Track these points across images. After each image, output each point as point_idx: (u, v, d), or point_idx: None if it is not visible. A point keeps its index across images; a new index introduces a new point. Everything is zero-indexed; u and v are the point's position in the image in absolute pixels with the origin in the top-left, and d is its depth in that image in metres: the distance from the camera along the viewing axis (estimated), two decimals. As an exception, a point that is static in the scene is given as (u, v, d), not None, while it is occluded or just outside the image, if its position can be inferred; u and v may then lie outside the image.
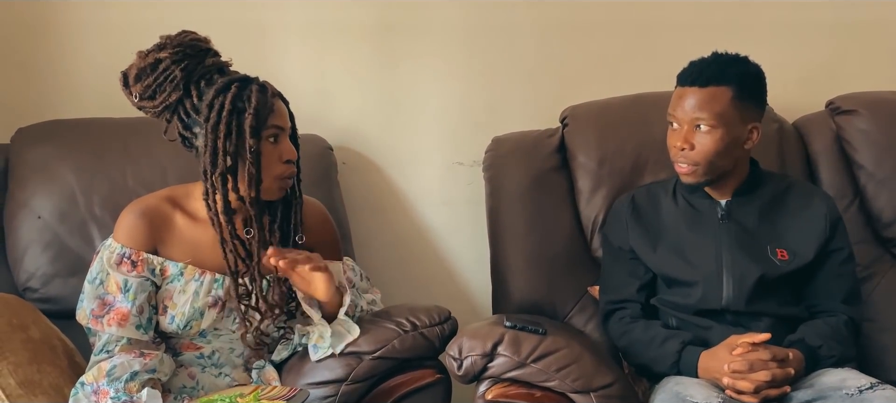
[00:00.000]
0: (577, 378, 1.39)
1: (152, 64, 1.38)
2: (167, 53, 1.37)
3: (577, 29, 2.07)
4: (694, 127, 1.49)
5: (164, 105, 1.39)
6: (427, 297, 1.82)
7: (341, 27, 2.04)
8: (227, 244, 1.38)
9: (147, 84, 1.38)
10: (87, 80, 1.98)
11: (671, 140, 1.54)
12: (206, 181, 1.37)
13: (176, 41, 1.39)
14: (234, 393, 1.33)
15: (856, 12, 2.08)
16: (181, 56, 1.38)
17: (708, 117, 1.47)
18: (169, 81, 1.38)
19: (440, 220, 2.11)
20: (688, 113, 1.49)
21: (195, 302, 1.41)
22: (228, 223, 1.38)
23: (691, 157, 1.49)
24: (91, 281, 1.41)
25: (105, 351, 1.38)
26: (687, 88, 1.50)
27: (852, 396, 1.30)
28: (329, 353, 1.41)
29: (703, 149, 1.48)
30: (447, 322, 1.50)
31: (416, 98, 2.07)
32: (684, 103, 1.50)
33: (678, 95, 1.52)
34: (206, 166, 1.36)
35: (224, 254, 1.39)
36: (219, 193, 1.37)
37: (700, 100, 1.48)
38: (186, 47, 1.39)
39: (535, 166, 1.87)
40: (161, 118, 1.43)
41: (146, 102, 1.39)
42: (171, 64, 1.37)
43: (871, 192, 1.82)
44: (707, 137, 1.48)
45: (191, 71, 1.39)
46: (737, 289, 1.48)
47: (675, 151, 1.52)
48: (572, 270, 1.78)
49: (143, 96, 1.39)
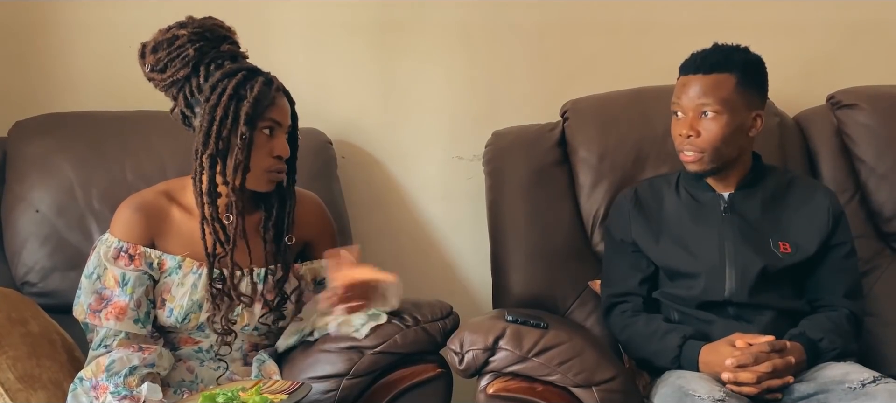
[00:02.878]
0: (579, 372, 1.39)
1: (170, 38, 1.39)
2: (186, 32, 1.39)
3: (577, 23, 2.06)
4: (699, 114, 1.49)
5: (171, 80, 1.40)
6: (427, 292, 1.81)
7: (341, 21, 2.03)
8: (208, 224, 1.38)
9: (160, 57, 1.39)
10: (85, 73, 1.98)
11: (676, 129, 1.54)
12: (196, 160, 1.37)
13: (198, 23, 1.41)
14: (237, 387, 1.32)
15: (856, 7, 2.08)
16: (198, 37, 1.39)
17: (713, 103, 1.48)
18: (180, 58, 1.39)
19: (440, 215, 2.10)
20: (693, 100, 1.49)
21: (193, 295, 1.41)
22: (211, 205, 1.38)
23: (698, 144, 1.50)
24: (88, 276, 1.40)
25: (103, 346, 1.38)
26: (691, 76, 1.51)
27: (855, 390, 1.30)
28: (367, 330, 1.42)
29: (709, 136, 1.49)
30: (449, 317, 1.50)
31: (415, 92, 2.07)
32: (689, 90, 1.50)
33: (682, 84, 1.53)
34: (198, 146, 1.37)
35: (202, 235, 1.39)
36: (205, 174, 1.37)
37: (705, 86, 1.49)
38: (206, 30, 1.41)
39: (535, 160, 1.86)
40: (168, 93, 1.44)
41: (156, 74, 1.41)
42: (187, 42, 1.39)
43: (871, 187, 1.81)
44: (713, 124, 1.49)
45: (204, 52, 1.40)
46: (740, 281, 1.48)
47: (681, 140, 1.52)
48: (573, 265, 1.78)
49: (155, 68, 1.40)
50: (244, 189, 1.39)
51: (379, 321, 1.43)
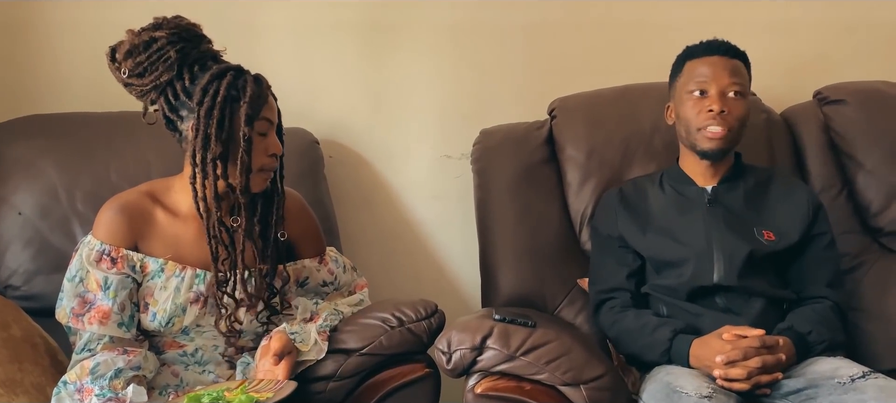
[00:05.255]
0: (567, 371, 1.38)
1: (147, 42, 1.36)
2: (164, 33, 1.35)
3: (565, 21, 2.06)
4: (727, 93, 1.54)
5: (153, 84, 1.37)
6: (415, 291, 1.81)
7: (328, 20, 2.02)
8: (213, 230, 1.37)
9: (139, 61, 1.36)
10: (69, 74, 1.96)
11: (699, 107, 1.55)
12: (195, 166, 1.35)
13: (172, 23, 1.38)
14: (222, 387, 1.32)
15: (843, 5, 2.09)
16: (177, 38, 1.36)
17: (741, 84, 1.55)
18: (162, 61, 1.36)
19: (428, 214, 2.10)
20: (724, 77, 1.54)
21: (177, 298, 1.39)
22: (217, 209, 1.36)
23: (727, 120, 1.53)
24: (70, 279, 1.38)
25: (87, 350, 1.36)
26: (718, 57, 1.56)
27: (844, 385, 1.30)
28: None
29: (737, 114, 1.54)
30: (434, 315, 1.48)
31: (403, 91, 2.06)
32: (717, 69, 1.55)
33: (710, 63, 1.56)
34: (197, 151, 1.34)
35: (208, 240, 1.37)
36: (208, 179, 1.35)
37: (732, 68, 1.56)
38: (183, 31, 1.38)
39: (523, 159, 1.86)
40: (145, 98, 1.40)
41: (135, 80, 1.37)
42: (167, 44, 1.35)
43: (859, 182, 1.82)
44: (739, 104, 1.55)
45: (186, 54, 1.37)
46: (728, 265, 1.49)
47: (707, 116, 1.53)
48: (561, 263, 1.78)
49: (133, 73, 1.37)
50: (248, 189, 1.38)
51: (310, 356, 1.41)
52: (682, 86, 1.60)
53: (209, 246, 1.37)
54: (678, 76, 1.62)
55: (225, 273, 1.39)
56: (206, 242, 1.37)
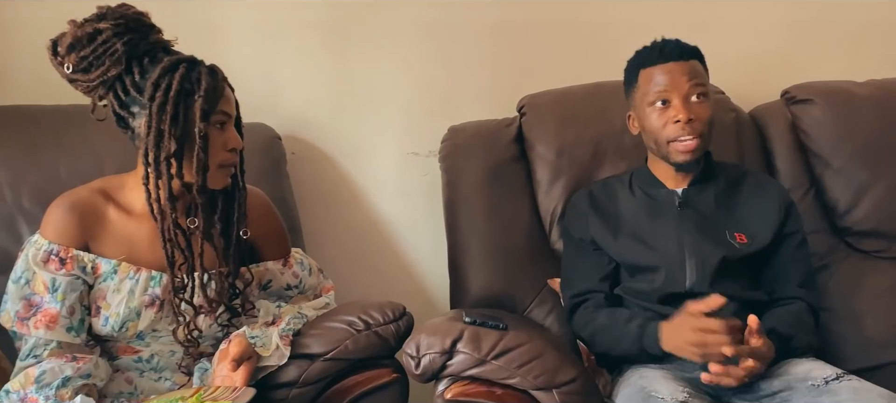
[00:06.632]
0: (540, 375, 1.35)
1: (90, 34, 1.27)
2: (108, 24, 1.26)
3: (534, 17, 2.03)
4: (690, 98, 1.49)
5: (100, 80, 1.28)
6: (382, 293, 1.76)
7: (290, 10, 1.96)
8: (168, 233, 1.30)
9: (83, 55, 1.27)
10: (16, 65, 1.86)
11: (664, 118, 1.49)
12: (148, 165, 1.28)
13: (117, 13, 1.29)
14: (176, 396, 1.26)
15: (809, 6, 2.10)
16: (123, 29, 1.28)
17: (702, 85, 1.50)
18: (109, 55, 1.27)
19: (395, 212, 2.06)
20: (685, 83, 1.49)
21: (130, 302, 1.32)
22: (172, 211, 1.29)
23: (698, 128, 1.48)
24: (15, 281, 1.30)
25: (32, 356, 1.28)
26: (673, 63, 1.50)
27: (819, 387, 1.29)
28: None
29: (704, 117, 1.49)
30: (402, 318, 1.44)
31: (369, 85, 2.01)
32: (674, 76, 1.49)
33: (664, 71, 1.50)
34: (150, 149, 1.27)
35: (163, 243, 1.30)
36: (162, 178, 1.28)
37: (690, 70, 1.50)
38: (129, 21, 1.29)
39: (492, 156, 1.83)
40: (93, 94, 1.32)
41: (80, 75, 1.28)
42: (113, 36, 1.27)
43: (826, 181, 1.82)
44: (704, 106, 1.50)
45: (134, 45, 1.29)
46: (700, 272, 1.47)
47: (677, 128, 1.48)
48: (532, 262, 1.75)
49: (78, 68, 1.28)
50: (205, 188, 1.31)
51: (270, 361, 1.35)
52: (641, 98, 1.54)
53: (165, 250, 1.30)
54: (634, 86, 1.57)
55: (182, 278, 1.32)
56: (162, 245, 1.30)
